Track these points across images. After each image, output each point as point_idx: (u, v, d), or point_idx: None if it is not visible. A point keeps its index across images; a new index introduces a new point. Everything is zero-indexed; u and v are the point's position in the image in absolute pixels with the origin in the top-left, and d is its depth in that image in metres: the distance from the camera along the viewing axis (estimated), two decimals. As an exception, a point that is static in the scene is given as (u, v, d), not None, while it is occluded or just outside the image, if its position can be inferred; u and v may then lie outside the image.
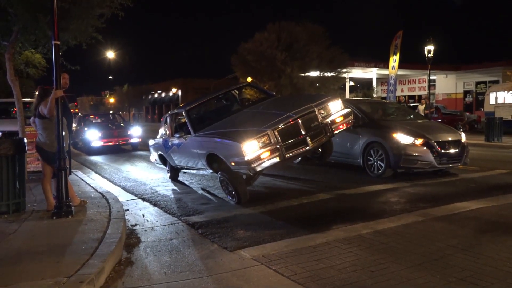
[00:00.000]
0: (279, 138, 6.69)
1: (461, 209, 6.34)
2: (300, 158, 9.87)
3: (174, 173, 9.73)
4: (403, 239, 5.06)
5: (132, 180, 10.16)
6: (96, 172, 11.53)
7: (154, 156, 10.45)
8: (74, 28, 8.41)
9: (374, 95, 32.79)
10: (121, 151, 17.46)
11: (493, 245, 4.74)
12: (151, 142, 10.55)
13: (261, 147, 6.54)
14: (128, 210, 6.98)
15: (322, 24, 30.40)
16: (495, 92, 23.29)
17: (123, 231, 5.35)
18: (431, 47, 23.02)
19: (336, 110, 7.62)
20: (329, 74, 29.98)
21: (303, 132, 6.96)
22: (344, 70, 30.15)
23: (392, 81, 22.86)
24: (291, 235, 5.31)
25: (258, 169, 6.57)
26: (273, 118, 7.00)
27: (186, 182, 9.48)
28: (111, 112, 31.20)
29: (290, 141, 6.82)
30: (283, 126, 6.80)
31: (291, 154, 6.86)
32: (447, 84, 36.76)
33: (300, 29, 29.80)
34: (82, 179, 9.56)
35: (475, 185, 8.30)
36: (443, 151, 8.98)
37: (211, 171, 7.84)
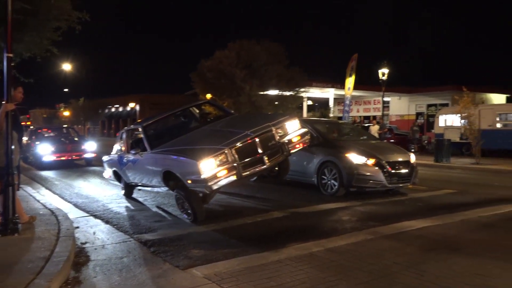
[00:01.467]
0: (236, 156, 6.70)
1: (408, 227, 6.57)
2: (256, 176, 9.97)
3: (129, 190, 9.57)
4: (353, 257, 5.19)
5: (84, 196, 9.92)
6: (47, 188, 11.18)
7: (108, 172, 10.24)
8: (29, 40, 8.26)
9: (331, 115, 33.47)
10: (74, 166, 17.02)
11: (436, 263, 4.94)
12: (105, 158, 10.37)
13: (218, 165, 6.51)
14: (78, 227, 6.81)
15: (282, 44, 30.77)
16: (444, 115, 24.31)
17: (71, 249, 5.22)
18: (385, 70, 23.90)
19: (293, 129, 7.70)
20: (288, 93, 30.41)
21: (260, 151, 6.99)
22: (303, 89, 30.66)
23: (347, 102, 23.49)
24: (244, 253, 5.34)
25: (215, 187, 6.52)
26: (230, 137, 7.02)
27: (140, 199, 9.35)
28: (65, 125, 30.30)
29: (247, 159, 6.83)
30: (240, 145, 6.82)
31: (248, 173, 6.86)
32: (401, 106, 38.07)
33: (260, 48, 30.19)
34: (31, 195, 9.25)
35: (423, 204, 8.62)
36: (393, 171, 9.28)
37: (167, 188, 7.77)
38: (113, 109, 64.60)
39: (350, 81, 22.94)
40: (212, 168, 6.47)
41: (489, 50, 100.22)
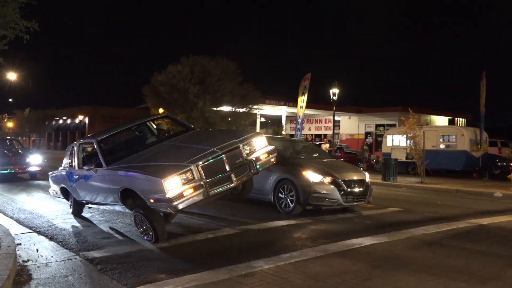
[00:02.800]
0: (203, 174, 6.38)
1: (356, 245, 6.72)
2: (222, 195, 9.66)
3: (78, 208, 8.99)
4: (302, 274, 5.24)
5: (28, 211, 9.49)
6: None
7: (54, 188, 9.71)
8: (-30, 48, 7.89)
9: (283, 132, 33.92)
10: (17, 180, 16.28)
11: (383, 280, 5.08)
12: (52, 173, 9.83)
13: (184, 184, 6.17)
14: (20, 244, 6.50)
15: (236, 60, 31.05)
16: (391, 135, 25.17)
17: (12, 267, 4.97)
18: (335, 90, 24.56)
19: (260, 146, 7.51)
20: (241, 110, 30.60)
21: (227, 169, 6.71)
22: (256, 106, 30.97)
23: (299, 120, 23.87)
24: (194, 271, 5.27)
25: (180, 207, 6.17)
26: (196, 153, 6.68)
27: (88, 215, 9.04)
28: (8, 137, 28.96)
29: (214, 177, 6.52)
30: (207, 162, 6.50)
31: (215, 191, 6.52)
32: (351, 125, 39.16)
33: (214, 64, 30.28)
34: (-31, 210, 8.77)
35: (371, 222, 8.85)
36: (349, 189, 9.40)
37: (123, 207, 7.41)
38: (60, 121, 62.56)
39: (302, 100, 23.36)
40: (177, 187, 6.11)
41: (435, 74, 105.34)
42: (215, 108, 30.47)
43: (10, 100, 61.94)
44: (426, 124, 29.61)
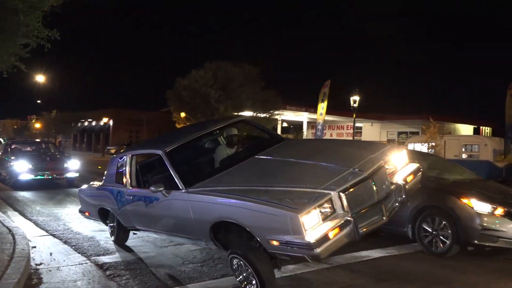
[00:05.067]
0: (347, 205, 4.49)
1: (365, 257, 6.68)
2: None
3: (124, 235, 7.08)
4: (308, 286, 5.25)
5: (46, 214, 9.76)
6: (10, 205, 10.97)
7: (87, 208, 7.76)
8: (-6, 56, 8.18)
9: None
10: (54, 187, 15.20)
11: (386, 294, 5.04)
12: (83, 189, 7.95)
13: (323, 219, 4.30)
14: (35, 247, 6.71)
15: (258, 65, 31.25)
16: (413, 143, 24.87)
17: (24, 271, 5.15)
18: (356, 98, 24.45)
19: (401, 164, 5.71)
20: (262, 115, 30.77)
21: (376, 197, 4.85)
22: (277, 112, 31.10)
23: (319, 127, 23.84)
24: (199, 279, 5.35)
25: (325, 255, 4.28)
26: (328, 175, 4.81)
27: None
28: (44, 139, 29.23)
29: (360, 210, 4.63)
30: (351, 188, 4.60)
31: (365, 230, 4.61)
32: (373, 132, 38.87)
33: (236, 70, 30.56)
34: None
35: (382, 233, 8.76)
36: None
37: (208, 242, 5.30)
38: (86, 123, 63.85)
39: (322, 107, 23.35)
40: (317, 225, 4.23)
41: (464, 81, 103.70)
42: (236, 113, 30.66)
43: (38, 101, 63.56)
44: (449, 133, 29.19)
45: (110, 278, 5.41)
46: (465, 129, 38.68)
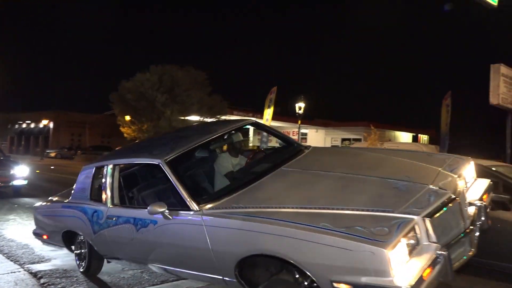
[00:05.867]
0: (433, 234, 3.24)
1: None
2: None
3: (97, 265, 5.62)
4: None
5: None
6: None
7: (46, 230, 6.27)
8: None
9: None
10: None
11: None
12: (40, 207, 6.48)
13: (410, 253, 3.07)
14: (-37, 256, 6.35)
15: (205, 71, 31.23)
16: (355, 150, 25.72)
17: (-51, 281, 4.86)
18: (301, 104, 24.95)
19: (471, 180, 4.42)
20: (209, 120, 30.75)
21: (463, 222, 3.70)
22: (224, 117, 31.17)
23: (265, 133, 24.04)
24: (139, 286, 5.26)
25: None
26: (399, 193, 3.59)
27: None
28: None
29: (448, 239, 3.45)
30: (438, 212, 3.39)
31: (456, 264, 3.49)
32: (318, 138, 39.76)
33: (183, 74, 30.44)
34: None
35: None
36: None
37: (232, 282, 3.84)
38: (24, 125, 61.05)
39: (268, 113, 23.59)
40: (405, 261, 3.00)
41: (405, 89, 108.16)
42: (182, 117, 30.51)
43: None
44: (389, 140, 30.36)
45: (44, 286, 5.20)
46: (405, 137, 40.39)
